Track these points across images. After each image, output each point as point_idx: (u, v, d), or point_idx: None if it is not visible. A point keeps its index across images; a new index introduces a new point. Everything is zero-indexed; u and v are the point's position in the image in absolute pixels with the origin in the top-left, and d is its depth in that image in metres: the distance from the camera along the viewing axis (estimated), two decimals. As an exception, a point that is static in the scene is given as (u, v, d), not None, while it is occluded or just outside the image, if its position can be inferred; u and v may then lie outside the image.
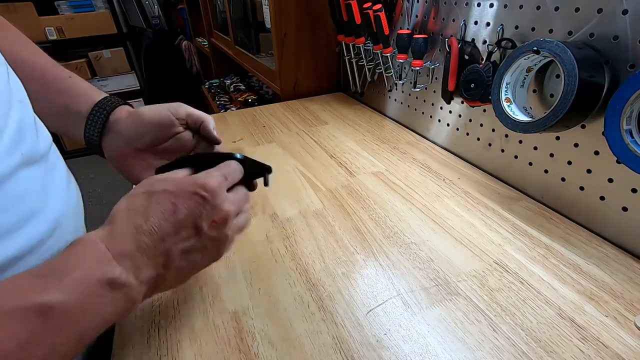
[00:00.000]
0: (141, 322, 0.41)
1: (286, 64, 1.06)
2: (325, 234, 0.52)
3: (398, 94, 0.87)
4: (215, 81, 2.15)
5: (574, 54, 0.42)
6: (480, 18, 0.60)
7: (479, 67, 0.57)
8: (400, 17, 0.79)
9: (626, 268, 0.44)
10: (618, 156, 0.41)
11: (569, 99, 0.43)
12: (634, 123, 0.39)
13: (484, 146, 0.65)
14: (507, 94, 0.52)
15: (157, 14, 2.89)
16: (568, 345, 0.36)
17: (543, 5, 0.50)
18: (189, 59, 2.94)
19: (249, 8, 1.44)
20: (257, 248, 0.50)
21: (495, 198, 0.58)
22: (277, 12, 0.99)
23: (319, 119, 0.93)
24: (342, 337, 0.38)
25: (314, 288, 0.44)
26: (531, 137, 0.56)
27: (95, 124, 0.40)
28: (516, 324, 0.38)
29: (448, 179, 0.64)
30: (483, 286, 0.43)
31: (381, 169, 0.68)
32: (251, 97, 1.68)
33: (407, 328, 0.38)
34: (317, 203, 0.59)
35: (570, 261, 0.46)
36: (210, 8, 1.92)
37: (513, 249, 0.48)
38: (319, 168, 0.70)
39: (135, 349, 0.38)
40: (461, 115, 0.69)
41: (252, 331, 0.39)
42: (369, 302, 0.42)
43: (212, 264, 0.34)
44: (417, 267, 0.46)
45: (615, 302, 0.40)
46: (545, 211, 0.55)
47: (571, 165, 0.51)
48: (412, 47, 0.71)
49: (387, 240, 0.51)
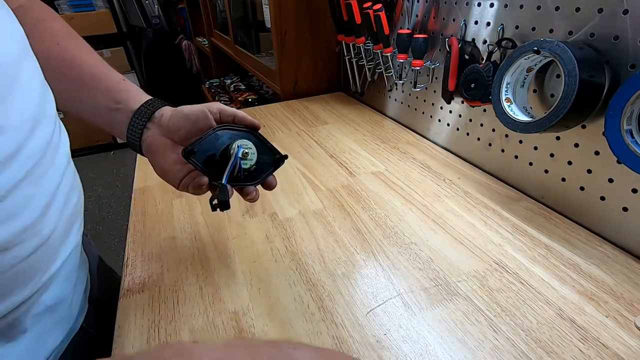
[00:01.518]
0: (141, 322, 0.41)
1: (286, 63, 1.06)
2: (325, 234, 0.52)
3: (398, 94, 0.87)
4: (215, 81, 2.16)
5: (574, 54, 0.42)
6: (480, 18, 0.60)
7: (479, 67, 0.57)
8: (400, 16, 0.79)
9: (626, 268, 0.44)
10: (618, 156, 0.41)
11: (570, 99, 0.42)
12: (635, 123, 0.39)
13: (484, 146, 0.65)
14: (507, 94, 0.52)
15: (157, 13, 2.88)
16: (568, 345, 0.36)
17: (543, 5, 0.50)
18: (189, 59, 2.94)
19: (249, 8, 1.43)
20: (257, 248, 0.50)
21: (495, 198, 0.58)
22: (277, 12, 0.98)
23: (319, 118, 0.93)
24: (342, 337, 0.38)
25: (314, 288, 0.44)
26: (531, 137, 0.56)
27: (141, 118, 0.43)
28: (516, 324, 0.38)
29: (448, 179, 0.64)
30: (483, 286, 0.43)
31: (381, 169, 0.68)
32: (251, 96, 1.68)
33: (407, 328, 0.38)
34: (317, 203, 0.59)
35: (570, 261, 0.46)
36: (210, 7, 1.92)
37: (513, 249, 0.48)
38: (319, 168, 0.70)
39: (135, 349, 0.38)
40: (461, 115, 0.69)
41: (252, 331, 0.39)
42: (369, 302, 0.42)
43: (212, 263, 0.34)
44: (417, 267, 0.46)
45: (615, 303, 0.40)
46: (545, 211, 0.55)
47: (571, 165, 0.51)
48: (412, 47, 0.71)
49: (387, 240, 0.51)
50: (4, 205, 0.28)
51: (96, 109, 0.44)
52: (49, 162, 0.34)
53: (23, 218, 0.30)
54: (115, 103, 0.43)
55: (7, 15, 0.33)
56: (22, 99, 0.31)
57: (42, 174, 0.33)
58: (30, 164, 0.31)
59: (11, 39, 0.32)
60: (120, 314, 0.42)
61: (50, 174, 0.34)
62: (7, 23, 0.32)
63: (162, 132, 0.43)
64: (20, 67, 0.32)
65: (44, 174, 0.33)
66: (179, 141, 0.43)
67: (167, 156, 0.43)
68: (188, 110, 0.43)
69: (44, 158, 0.33)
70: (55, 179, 0.35)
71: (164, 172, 0.43)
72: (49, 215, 0.33)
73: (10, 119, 0.29)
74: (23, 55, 0.33)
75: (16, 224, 0.30)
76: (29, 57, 0.35)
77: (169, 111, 0.44)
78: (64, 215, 0.36)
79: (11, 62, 0.30)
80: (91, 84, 0.43)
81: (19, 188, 0.30)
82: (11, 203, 0.29)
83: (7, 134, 0.29)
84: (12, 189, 0.29)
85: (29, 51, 0.35)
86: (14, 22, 0.34)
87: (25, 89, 0.32)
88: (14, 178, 0.29)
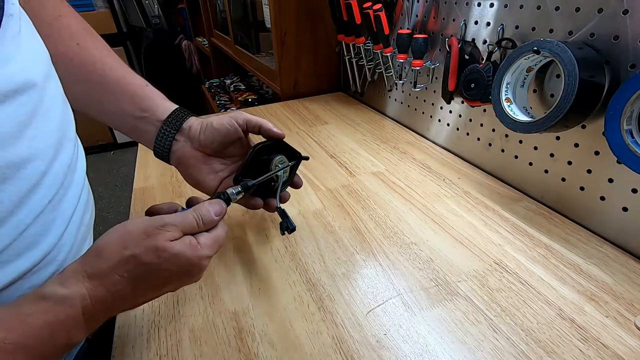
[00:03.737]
0: (141, 322, 0.41)
1: (286, 63, 1.06)
2: (325, 234, 0.52)
3: (398, 94, 0.87)
4: (215, 81, 2.15)
5: (574, 54, 0.42)
6: (480, 18, 0.60)
7: (479, 67, 0.57)
8: (400, 16, 0.79)
9: (626, 268, 0.44)
10: (618, 156, 0.41)
11: (569, 99, 0.42)
12: (635, 123, 0.39)
13: (484, 146, 0.65)
14: (507, 94, 0.52)
15: (157, 13, 2.88)
16: (568, 345, 0.36)
17: (543, 5, 0.50)
18: (189, 59, 2.94)
19: (249, 7, 1.43)
20: (257, 248, 0.50)
21: (495, 198, 0.58)
22: (277, 12, 0.98)
23: (319, 118, 0.93)
24: (342, 338, 0.38)
25: (314, 288, 0.44)
26: (531, 137, 0.56)
27: (170, 130, 0.43)
28: (516, 324, 0.38)
29: (448, 179, 0.64)
30: (483, 286, 0.43)
31: (381, 169, 0.68)
32: (251, 96, 1.68)
33: (407, 328, 0.38)
34: (317, 203, 0.59)
35: (570, 261, 0.46)
36: (210, 7, 1.92)
37: (513, 249, 0.48)
38: (319, 168, 0.70)
39: (135, 349, 0.38)
40: (461, 115, 0.69)
41: (252, 331, 0.39)
42: (369, 303, 0.42)
43: (212, 263, 0.34)
44: (417, 267, 0.46)
45: (615, 303, 0.40)
46: (545, 211, 0.55)
47: (571, 165, 0.51)
48: (412, 47, 0.71)
49: (387, 240, 0.51)
50: (25, 236, 0.28)
51: (120, 116, 0.43)
52: (68, 184, 0.33)
53: (41, 246, 0.29)
54: (141, 111, 0.43)
55: (33, 35, 0.32)
56: (46, 124, 0.30)
57: (61, 197, 0.32)
58: (52, 192, 0.30)
59: (38, 61, 0.31)
60: (120, 313, 0.42)
61: (69, 196, 0.33)
62: (33, 43, 0.31)
63: (193, 146, 0.44)
64: (45, 89, 0.31)
65: (63, 197, 0.32)
66: (212, 154, 0.45)
67: (201, 168, 0.44)
68: (217, 123, 0.43)
69: (64, 182, 0.32)
70: (73, 201, 0.34)
71: (197, 183, 0.45)
72: (64, 239, 0.32)
73: (37, 146, 0.28)
74: (48, 76, 0.32)
75: (34, 253, 0.29)
76: (53, 78, 0.34)
77: (197, 123, 0.44)
78: (79, 234, 0.36)
79: (38, 85, 0.29)
80: (115, 89, 0.43)
81: (39, 217, 0.29)
82: (32, 233, 0.28)
83: (34, 162, 0.28)
84: (33, 220, 0.28)
85: (53, 71, 0.34)
86: (39, 43, 0.33)
87: (48, 112, 0.31)
88: (36, 209, 0.29)
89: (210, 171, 0.45)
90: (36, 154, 0.28)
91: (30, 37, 0.31)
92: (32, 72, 0.29)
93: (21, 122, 0.27)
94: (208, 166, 0.45)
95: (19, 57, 0.28)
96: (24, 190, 0.27)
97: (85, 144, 0.77)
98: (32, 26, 0.33)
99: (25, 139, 0.27)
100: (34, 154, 0.28)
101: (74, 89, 0.39)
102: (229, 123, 0.44)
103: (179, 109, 0.45)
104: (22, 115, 0.27)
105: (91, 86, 0.42)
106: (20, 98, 0.27)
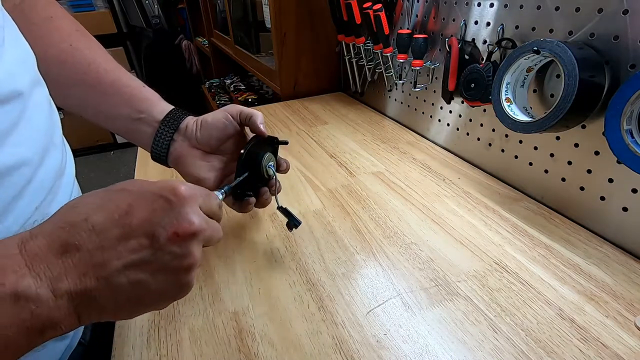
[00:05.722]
0: (141, 322, 0.41)
1: (286, 63, 1.06)
2: (325, 234, 0.52)
3: (398, 94, 0.87)
4: (215, 81, 2.15)
5: (574, 54, 0.42)
6: (480, 18, 0.60)
7: (479, 67, 0.57)
8: (400, 16, 0.79)
9: (626, 268, 0.44)
10: (618, 156, 0.41)
11: (569, 99, 0.42)
12: (635, 123, 0.39)
13: (484, 146, 0.65)
14: (507, 94, 0.52)
15: (157, 13, 2.88)
16: (568, 345, 0.36)
17: (543, 5, 0.50)
18: (189, 59, 2.94)
19: (249, 7, 1.43)
20: (257, 248, 0.50)
21: (495, 198, 0.58)
22: (277, 12, 0.98)
23: (319, 118, 0.93)
24: (342, 338, 0.38)
25: (314, 288, 0.44)
26: (531, 137, 0.56)
27: (167, 130, 0.43)
28: (516, 324, 0.38)
29: (448, 179, 0.64)
30: (483, 286, 0.43)
31: (381, 169, 0.68)
32: (251, 96, 1.68)
33: (407, 328, 0.38)
34: (317, 203, 0.59)
35: (570, 261, 0.46)
36: (210, 7, 1.92)
37: (513, 249, 0.48)
38: (319, 168, 0.70)
39: (135, 349, 0.38)
40: (461, 115, 0.69)
41: (252, 331, 0.39)
42: (369, 303, 0.42)
43: (212, 263, 0.34)
44: (417, 268, 0.46)
45: (615, 303, 0.40)
46: (545, 211, 0.55)
47: (571, 165, 0.51)
48: (412, 47, 0.71)
49: (387, 240, 0.51)
50: None
51: (117, 118, 0.43)
52: (56, 189, 0.33)
53: None
54: (138, 113, 0.43)
55: (18, 42, 0.31)
56: (30, 131, 0.29)
57: (49, 202, 0.31)
58: (40, 198, 0.30)
59: (23, 69, 0.30)
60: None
61: (57, 201, 0.33)
62: (19, 51, 0.31)
63: (191, 144, 0.44)
64: (31, 96, 0.30)
65: (51, 203, 0.32)
66: (210, 151, 0.45)
67: (200, 166, 0.44)
68: (213, 119, 0.44)
69: (52, 187, 0.32)
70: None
71: (197, 181, 0.44)
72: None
73: (21, 152, 0.27)
74: (34, 83, 0.31)
75: None
76: (39, 84, 0.33)
77: (192, 122, 0.44)
78: None
79: (24, 93, 0.29)
80: (111, 91, 0.43)
81: (26, 223, 0.28)
82: None
83: (19, 170, 0.27)
84: (20, 227, 0.28)
85: (39, 77, 0.33)
86: (26, 49, 0.32)
87: (32, 119, 0.30)
88: (23, 216, 0.28)
89: (210, 168, 0.45)
90: (21, 160, 0.28)
91: (15, 45, 0.31)
92: (17, 81, 0.28)
93: (3, 130, 0.26)
94: (207, 164, 0.45)
95: (3, 68, 0.27)
96: (9, 197, 0.27)
97: (85, 144, 0.78)
98: (19, 32, 0.32)
99: (7, 146, 0.27)
100: (18, 160, 0.27)
101: (68, 91, 0.39)
102: (224, 117, 0.44)
103: (175, 109, 0.45)
104: (6, 122, 0.27)
105: (86, 88, 0.42)
106: (6, 107, 0.27)
